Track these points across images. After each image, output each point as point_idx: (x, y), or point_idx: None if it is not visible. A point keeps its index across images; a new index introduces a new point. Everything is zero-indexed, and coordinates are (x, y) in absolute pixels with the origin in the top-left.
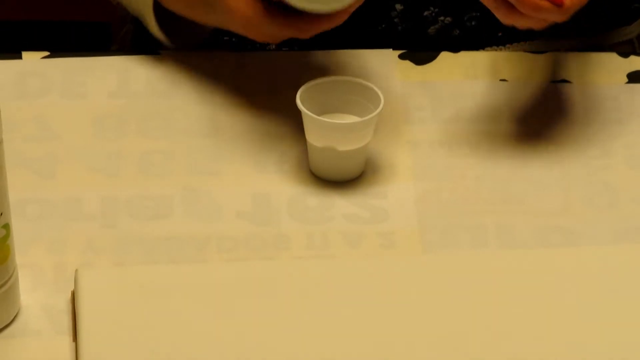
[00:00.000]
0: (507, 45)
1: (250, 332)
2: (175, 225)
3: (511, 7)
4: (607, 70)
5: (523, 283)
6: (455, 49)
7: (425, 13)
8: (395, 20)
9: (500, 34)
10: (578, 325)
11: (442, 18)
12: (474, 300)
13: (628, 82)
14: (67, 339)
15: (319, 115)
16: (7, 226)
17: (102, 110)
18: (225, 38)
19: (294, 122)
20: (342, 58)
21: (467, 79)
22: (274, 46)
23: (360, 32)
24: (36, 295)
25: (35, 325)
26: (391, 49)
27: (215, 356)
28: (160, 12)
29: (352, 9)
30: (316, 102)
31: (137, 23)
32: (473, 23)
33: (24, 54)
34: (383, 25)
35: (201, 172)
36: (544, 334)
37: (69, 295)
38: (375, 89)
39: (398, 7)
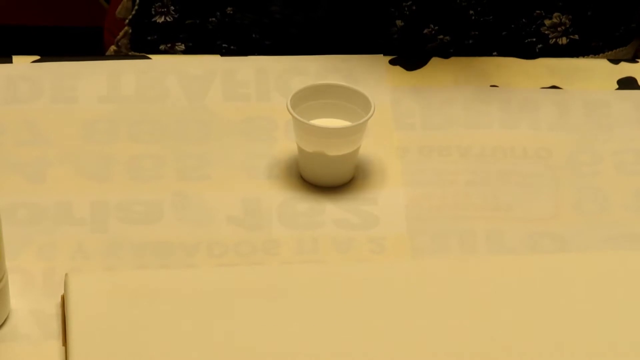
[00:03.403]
0: None
1: (241, 338)
2: (165, 230)
3: None
4: (597, 76)
5: (512, 289)
6: None
7: (425, 31)
8: (395, 36)
9: (495, 54)
10: (568, 332)
11: (441, 36)
12: (463, 305)
13: (618, 89)
14: (57, 343)
15: (309, 120)
16: None
17: (93, 114)
18: (224, 45)
19: (285, 127)
20: (332, 63)
21: (458, 85)
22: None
23: (358, 46)
24: (26, 300)
25: (24, 330)
26: (382, 55)
27: None
28: None
29: None
30: (307, 108)
31: (135, 25)
32: (470, 42)
33: (15, 58)
34: (381, 41)
35: (191, 177)
36: (532, 340)
37: (59, 299)
38: (366, 94)
39: (399, 23)
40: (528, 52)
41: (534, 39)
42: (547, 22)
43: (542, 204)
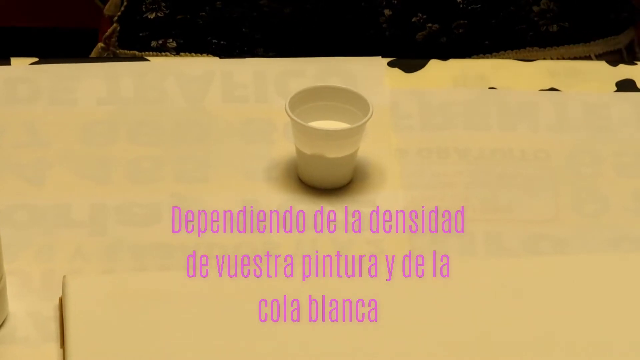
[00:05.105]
0: (494, 54)
1: (240, 341)
2: (164, 232)
3: None
4: (596, 78)
5: (511, 291)
6: (442, 56)
7: (414, 19)
8: (384, 25)
9: (487, 42)
10: (567, 334)
11: (430, 25)
12: (462, 307)
13: (617, 91)
14: (55, 345)
15: (307, 122)
16: None
17: (91, 116)
18: (213, 40)
19: (283, 129)
20: (331, 65)
21: (456, 87)
22: (261, 50)
23: (348, 37)
24: (24, 302)
25: (22, 332)
26: (380, 57)
27: None
28: None
29: None
30: (305, 110)
31: (124, 22)
32: (460, 31)
33: (13, 60)
34: (371, 31)
35: (190, 179)
36: (531, 342)
37: (57, 302)
38: (364, 96)
39: (387, 12)
40: (520, 40)
41: (524, 26)
42: (535, 8)
43: (541, 205)
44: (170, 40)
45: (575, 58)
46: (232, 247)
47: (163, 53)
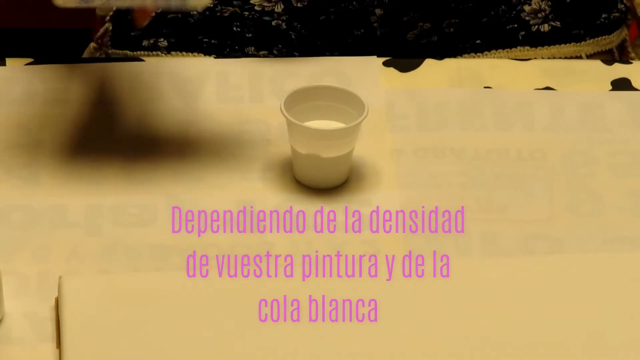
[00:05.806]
0: (485, 53)
1: (240, 341)
2: (160, 233)
3: None
4: (591, 77)
5: (507, 291)
6: (433, 55)
7: (405, 18)
8: (375, 25)
9: (478, 42)
10: (562, 333)
11: (421, 24)
12: (459, 307)
13: (612, 90)
14: (51, 346)
15: (303, 122)
16: None
17: (86, 117)
18: (204, 39)
19: (279, 129)
20: (326, 65)
21: (452, 86)
22: (252, 49)
23: (340, 36)
24: (20, 303)
25: (18, 333)
26: (375, 56)
27: None
28: None
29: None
30: (300, 109)
31: (116, 22)
32: (452, 30)
33: (8, 60)
34: (362, 30)
35: (185, 180)
36: (527, 341)
37: (53, 302)
38: (360, 96)
39: (378, 11)
40: (511, 39)
41: (515, 25)
42: (527, 8)
43: (536, 205)
44: (162, 39)
45: (566, 58)
46: (228, 247)
47: (154, 52)
